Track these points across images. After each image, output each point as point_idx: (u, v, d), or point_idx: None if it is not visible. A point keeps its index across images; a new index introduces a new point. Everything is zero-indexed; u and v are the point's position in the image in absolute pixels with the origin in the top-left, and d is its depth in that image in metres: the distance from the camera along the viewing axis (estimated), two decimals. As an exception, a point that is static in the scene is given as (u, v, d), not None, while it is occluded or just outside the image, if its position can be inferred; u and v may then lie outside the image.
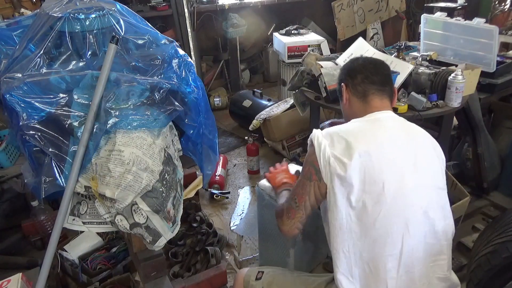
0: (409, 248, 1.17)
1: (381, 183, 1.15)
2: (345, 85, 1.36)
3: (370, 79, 1.32)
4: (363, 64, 1.37)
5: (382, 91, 1.31)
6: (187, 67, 1.40)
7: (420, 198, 1.20)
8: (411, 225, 1.17)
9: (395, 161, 1.18)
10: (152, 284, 1.44)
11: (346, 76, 1.37)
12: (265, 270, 1.45)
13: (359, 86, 1.32)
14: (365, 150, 1.15)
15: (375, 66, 1.36)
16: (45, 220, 2.22)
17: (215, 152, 1.57)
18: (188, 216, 2.36)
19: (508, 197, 2.54)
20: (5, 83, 1.19)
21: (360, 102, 1.32)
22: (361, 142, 1.17)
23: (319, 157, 1.19)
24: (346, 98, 1.36)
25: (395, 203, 1.16)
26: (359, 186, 1.14)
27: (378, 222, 1.15)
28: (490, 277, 1.52)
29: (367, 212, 1.15)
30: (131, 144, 1.21)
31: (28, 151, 1.21)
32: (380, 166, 1.16)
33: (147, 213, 1.24)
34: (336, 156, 1.17)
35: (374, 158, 1.15)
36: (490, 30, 2.22)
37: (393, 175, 1.16)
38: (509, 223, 1.62)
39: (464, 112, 2.34)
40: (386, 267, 1.16)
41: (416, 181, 1.20)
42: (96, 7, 1.31)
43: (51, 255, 1.23)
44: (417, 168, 1.20)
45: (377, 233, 1.15)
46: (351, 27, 4.52)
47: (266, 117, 3.07)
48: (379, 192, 1.15)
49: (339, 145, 1.19)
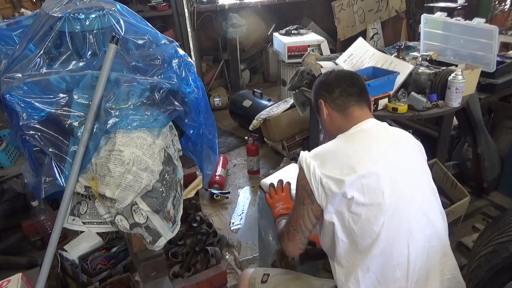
0: (416, 255, 1.16)
1: (380, 194, 1.14)
2: (323, 101, 1.33)
3: (348, 91, 1.30)
4: (337, 77, 1.34)
5: (360, 101, 1.30)
6: (187, 67, 1.40)
7: (420, 203, 1.20)
8: (416, 231, 1.16)
9: (390, 171, 1.18)
10: (152, 284, 1.43)
11: (323, 91, 1.34)
12: (270, 273, 1.43)
13: (337, 99, 1.30)
14: (360, 166, 1.14)
15: (351, 78, 1.34)
16: (45, 220, 2.22)
17: (215, 152, 1.57)
18: (188, 216, 2.36)
19: (508, 197, 2.54)
20: (5, 83, 1.19)
21: (341, 115, 1.30)
22: (354, 159, 1.16)
23: (310, 180, 1.17)
24: (325, 114, 1.33)
25: (397, 212, 1.15)
26: (358, 200, 1.13)
27: (383, 233, 1.13)
28: (490, 277, 1.52)
29: (370, 224, 1.14)
30: (131, 144, 1.21)
31: (28, 151, 1.21)
32: (377, 178, 1.15)
33: (147, 213, 1.24)
34: (329, 175, 1.15)
35: (370, 172, 1.14)
36: (490, 30, 2.22)
37: (390, 184, 1.16)
38: (509, 223, 1.62)
39: (464, 112, 2.34)
40: (394, 277, 1.15)
41: (412, 186, 1.20)
42: (96, 7, 1.31)
43: (51, 255, 1.23)
44: (411, 173, 1.22)
45: (382, 244, 1.14)
46: (351, 27, 4.52)
47: (266, 117, 3.07)
48: (379, 203, 1.14)
49: (330, 163, 1.17)
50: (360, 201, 1.13)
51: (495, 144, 2.56)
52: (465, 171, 2.60)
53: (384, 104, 2.06)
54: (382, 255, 1.14)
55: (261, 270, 1.47)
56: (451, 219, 2.03)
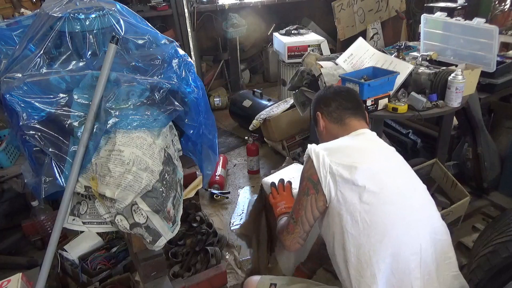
0: (426, 246, 1.18)
1: (390, 184, 1.21)
2: (320, 113, 1.43)
3: (344, 105, 1.39)
4: (335, 92, 1.44)
5: (357, 114, 1.39)
6: (187, 67, 1.40)
7: (422, 199, 1.25)
8: (424, 222, 1.21)
9: (392, 168, 1.27)
10: (152, 284, 1.44)
11: (320, 105, 1.44)
12: (278, 282, 1.42)
13: (334, 112, 1.40)
14: (368, 159, 1.23)
15: (348, 92, 1.45)
16: (45, 220, 2.22)
17: (215, 152, 1.57)
18: (188, 216, 2.36)
19: (508, 197, 2.54)
20: (5, 83, 1.19)
21: (338, 126, 1.39)
22: (362, 153, 1.26)
23: (319, 168, 1.21)
24: (322, 126, 1.43)
25: (406, 202, 1.21)
26: (370, 188, 1.17)
27: (395, 223, 1.17)
28: (490, 277, 1.52)
29: (383, 214, 1.16)
30: (131, 144, 1.21)
31: (28, 151, 1.21)
32: (385, 171, 1.23)
33: (147, 213, 1.24)
34: (339, 163, 1.20)
35: (379, 166, 1.24)
36: (490, 30, 2.22)
37: (396, 178, 1.24)
38: (509, 223, 1.62)
39: (464, 112, 2.34)
40: (410, 268, 1.15)
41: (414, 184, 1.28)
42: (96, 7, 1.31)
43: (51, 255, 1.23)
44: (409, 174, 1.31)
45: (394, 234, 1.15)
46: (351, 27, 4.52)
47: (266, 117, 3.07)
48: (390, 193, 1.19)
49: (340, 153, 1.24)
50: (372, 189, 1.16)
51: (495, 144, 2.56)
52: (465, 171, 2.60)
53: (384, 104, 2.06)
54: (395, 246, 1.15)
55: (268, 279, 1.46)
56: (451, 219, 2.03)
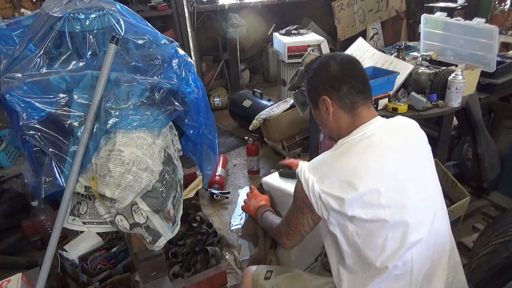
0: (420, 266, 1.17)
1: (382, 210, 1.10)
2: (328, 98, 1.20)
3: (357, 87, 1.19)
4: (342, 69, 1.20)
5: (367, 98, 1.22)
6: (187, 67, 1.40)
7: (425, 210, 1.18)
8: (421, 241, 1.15)
9: (391, 182, 1.13)
10: (152, 284, 1.44)
11: (327, 87, 1.20)
12: (274, 270, 1.45)
13: (346, 98, 1.19)
14: (359, 183, 1.09)
15: (355, 66, 1.22)
16: (45, 220, 2.22)
17: (215, 152, 1.57)
18: (188, 216, 2.36)
19: (508, 197, 2.54)
20: (5, 83, 1.19)
21: (348, 115, 1.20)
22: (353, 174, 1.10)
23: (309, 194, 1.15)
24: (331, 112, 1.21)
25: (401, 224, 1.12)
26: (360, 217, 1.10)
27: (387, 246, 1.13)
28: (490, 277, 1.52)
29: (374, 237, 1.13)
30: (131, 144, 1.21)
31: (28, 151, 1.21)
32: (378, 195, 1.10)
33: (147, 213, 1.24)
34: (328, 192, 1.11)
35: (371, 189, 1.10)
36: (490, 30, 2.22)
37: (392, 197, 1.11)
38: (509, 223, 1.62)
39: (464, 112, 2.34)
40: (397, 286, 1.15)
41: (417, 191, 1.16)
42: (96, 7, 1.31)
43: (51, 255, 1.23)
44: (416, 177, 1.17)
45: (386, 255, 1.13)
46: (351, 27, 4.52)
47: (266, 117, 3.07)
48: (382, 218, 1.11)
49: (329, 179, 1.12)
50: (363, 217, 1.10)
51: (495, 144, 2.56)
52: (465, 171, 2.60)
53: (384, 104, 2.06)
54: (385, 268, 1.13)
55: (264, 268, 1.48)
56: (451, 219, 2.02)
